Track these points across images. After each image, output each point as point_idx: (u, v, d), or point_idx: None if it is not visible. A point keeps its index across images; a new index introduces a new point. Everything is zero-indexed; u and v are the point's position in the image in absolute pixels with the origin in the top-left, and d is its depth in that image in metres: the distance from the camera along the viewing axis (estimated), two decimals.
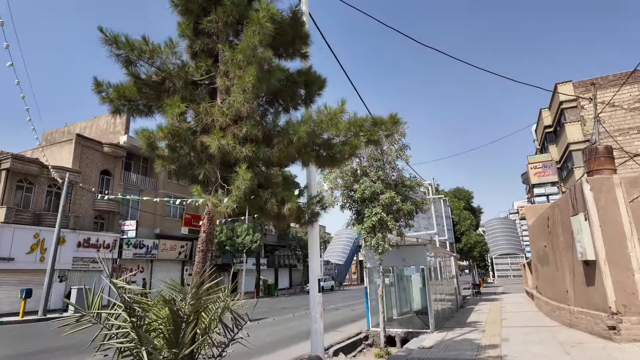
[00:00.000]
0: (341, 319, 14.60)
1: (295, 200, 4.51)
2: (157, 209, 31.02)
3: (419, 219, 17.17)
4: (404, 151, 10.66)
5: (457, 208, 21.58)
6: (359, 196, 10.28)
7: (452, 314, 14.86)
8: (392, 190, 10.05)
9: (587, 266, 8.81)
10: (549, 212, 11.33)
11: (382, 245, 10.00)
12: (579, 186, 8.94)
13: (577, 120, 27.65)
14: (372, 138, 5.15)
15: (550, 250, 11.70)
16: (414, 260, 11.61)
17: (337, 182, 10.92)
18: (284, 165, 4.99)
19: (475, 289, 26.30)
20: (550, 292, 12.47)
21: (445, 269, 15.70)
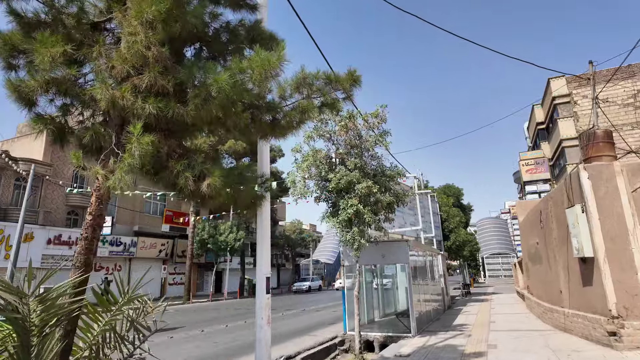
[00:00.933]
0: (319, 321, 13.59)
1: (219, 176, 3.46)
2: (136, 205, 29.75)
3: (404, 215, 16.22)
4: (384, 137, 9.66)
5: (445, 205, 20.67)
6: (333, 186, 9.25)
7: (438, 316, 13.90)
8: (369, 180, 9.04)
9: (584, 264, 7.88)
10: (542, 206, 10.41)
11: (358, 240, 8.98)
12: (575, 175, 8.01)
13: (570, 116, 26.91)
14: (326, 101, 4.11)
15: (542, 247, 10.78)
16: (395, 258, 10.63)
17: (311, 170, 9.88)
18: (208, 129, 3.94)
19: (465, 289, 25.44)
20: (542, 292, 11.55)
21: (432, 268, 14.74)
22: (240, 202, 4.03)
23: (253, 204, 4.30)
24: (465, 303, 19.18)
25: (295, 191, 9.59)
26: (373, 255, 10.81)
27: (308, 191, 9.59)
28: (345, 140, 9.64)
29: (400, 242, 10.68)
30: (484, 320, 12.09)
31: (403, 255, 10.49)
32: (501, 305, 17.31)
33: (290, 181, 9.87)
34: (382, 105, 9.79)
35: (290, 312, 16.44)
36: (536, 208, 11.25)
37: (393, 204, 10.21)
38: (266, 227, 5.10)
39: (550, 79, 28.21)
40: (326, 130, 9.68)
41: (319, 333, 10.98)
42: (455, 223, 19.93)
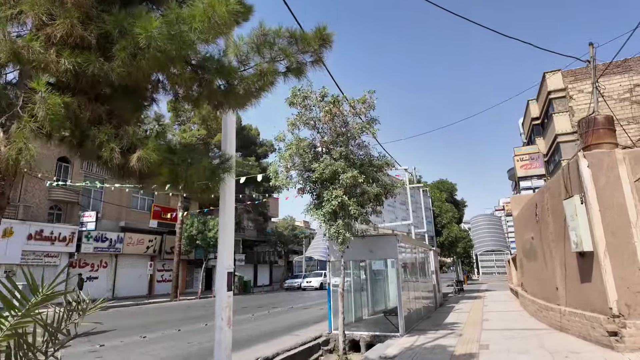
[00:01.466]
0: (305, 319, 13.00)
1: (154, 149, 2.85)
2: (123, 200, 28.98)
3: (396, 209, 15.68)
4: (372, 125, 9.07)
5: (438, 200, 20.16)
6: (317, 176, 8.66)
7: (428, 314, 13.39)
8: (355, 170, 8.45)
9: (583, 259, 7.36)
10: (538, 198, 9.89)
11: (343, 234, 8.41)
12: (574, 163, 7.48)
13: (565, 110, 26.53)
14: (291, 65, 3.51)
15: (538, 242, 10.27)
16: (383, 253, 10.07)
17: (295, 160, 9.29)
18: (150, 96, 3.32)
19: (458, 286, 25.01)
20: (536, 289, 11.06)
21: (423, 264, 14.22)
22: (188, 182, 3.41)
23: (208, 186, 3.69)
24: (458, 300, 18.72)
25: (277, 181, 8.99)
26: (360, 250, 10.25)
27: (290, 182, 9.00)
28: (331, 128, 9.05)
29: (388, 236, 10.13)
30: (476, 319, 11.59)
31: (392, 250, 9.94)
32: (494, 302, 16.85)
33: (272, 171, 9.27)
34: (369, 90, 9.20)
35: (276, 310, 15.85)
36: (531, 201, 10.74)
37: (381, 196, 9.65)
38: (229, 213, 4.50)
39: (546, 73, 27.78)
40: (310, 117, 9.08)
41: (303, 332, 10.41)
42: (448, 218, 19.43)
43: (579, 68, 27.26)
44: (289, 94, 8.91)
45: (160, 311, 17.26)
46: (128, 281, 28.96)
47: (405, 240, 11.13)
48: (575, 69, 27.14)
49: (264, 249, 47.01)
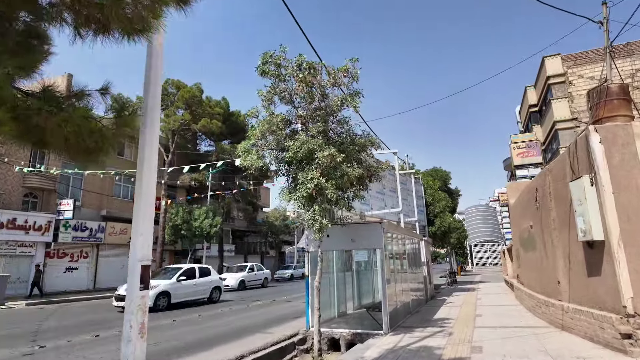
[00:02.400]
0: (285, 314, 12.05)
1: None
2: (105, 188, 27.80)
3: (385, 197, 14.69)
4: (355, 98, 7.99)
5: (431, 187, 19.19)
6: (291, 156, 7.61)
7: (418, 308, 12.50)
8: (332, 147, 7.40)
9: (591, 249, 6.41)
10: (538, 182, 8.91)
11: (319, 220, 7.39)
12: (583, 140, 6.48)
13: (564, 96, 25.53)
14: None
15: (537, 230, 9.32)
16: (367, 242, 9.09)
17: (268, 138, 8.22)
18: None
19: (451, 277, 24.24)
20: (535, 282, 10.16)
21: (413, 254, 13.30)
22: (55, 138, 2.35)
23: (95, 149, 2.63)
24: (450, 293, 17.90)
25: (245, 161, 7.93)
26: (341, 239, 9.27)
27: (261, 161, 7.93)
28: (307, 100, 7.96)
29: (373, 224, 9.13)
30: (468, 314, 10.69)
31: (377, 239, 8.95)
32: (488, 295, 16.02)
33: (242, 150, 8.21)
34: (352, 59, 8.09)
35: (256, 303, 14.87)
36: (531, 186, 9.77)
37: (364, 179, 8.64)
38: (148, 186, 3.46)
39: (545, 58, 26.70)
40: (285, 87, 7.98)
41: (279, 329, 9.46)
42: (441, 207, 18.51)
43: (579, 52, 26.24)
44: (259, 60, 7.80)
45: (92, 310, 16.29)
46: (111, 272, 27.91)
47: (392, 229, 10.15)
48: (575, 53, 26.10)
49: (255, 240, 46.05)
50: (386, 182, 14.98)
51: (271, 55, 7.79)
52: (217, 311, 12.77)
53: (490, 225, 51.50)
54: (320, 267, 7.96)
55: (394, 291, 9.96)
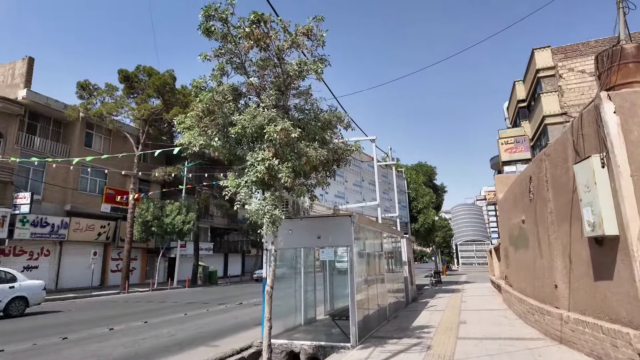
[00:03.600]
0: (246, 320, 10.63)
1: None
2: (69, 181, 25.92)
3: (363, 189, 13.40)
4: (318, 63, 6.61)
5: (415, 182, 17.99)
6: (238, 131, 6.23)
7: (396, 313, 11.24)
8: (287, 121, 6.04)
9: (600, 247, 5.18)
10: (533, 169, 7.69)
11: (270, 211, 6.01)
12: (592, 111, 5.24)
13: (554, 90, 24.64)
14: None
15: (531, 226, 8.11)
16: (335, 239, 7.75)
17: (214, 112, 6.80)
18: None
19: (436, 277, 23.13)
20: (526, 285, 8.97)
21: (392, 253, 12.03)
22: None
23: None
24: (434, 294, 16.73)
25: (183, 139, 6.51)
26: (305, 235, 7.93)
27: (202, 139, 6.52)
28: (259, 65, 6.58)
29: (341, 217, 7.80)
30: (451, 320, 9.46)
31: (345, 235, 7.62)
32: (474, 297, 14.88)
33: (181, 126, 6.79)
34: (316, 17, 6.72)
35: (219, 308, 13.39)
36: (524, 175, 8.56)
37: (330, 163, 7.30)
38: None
39: (535, 50, 25.77)
40: (233, 50, 6.58)
41: (233, 339, 8.07)
42: (425, 203, 17.32)
43: (570, 45, 25.42)
44: (200, 16, 6.37)
45: (88, 307, 14.68)
46: (75, 271, 26.09)
47: (365, 224, 8.83)
48: (566, 46, 25.28)
49: (236, 238, 44.39)
50: (365, 174, 13.70)
51: (215, 8, 6.37)
52: (176, 316, 11.27)
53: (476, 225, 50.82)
54: (273, 268, 6.59)
55: (366, 296, 8.66)
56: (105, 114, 24.04)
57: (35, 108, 24.82)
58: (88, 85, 25.24)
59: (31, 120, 25.11)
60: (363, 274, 8.86)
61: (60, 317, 11.29)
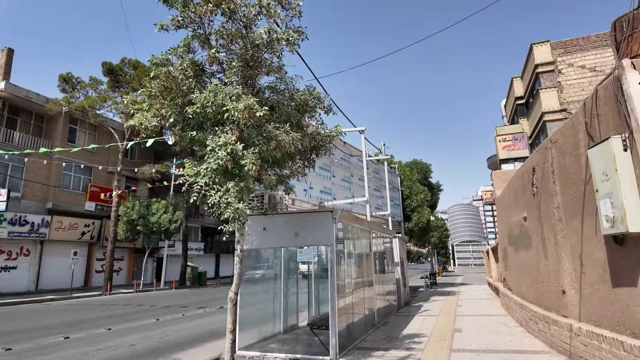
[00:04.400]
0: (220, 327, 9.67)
1: None
2: (51, 178, 24.91)
3: (352, 186, 12.55)
4: (294, 35, 5.74)
5: (408, 179, 17.15)
6: (197, 110, 5.35)
7: (386, 318, 10.38)
8: (251, 97, 5.16)
9: (621, 247, 4.34)
10: (536, 160, 6.85)
11: (234, 206, 5.13)
12: (609, 87, 4.41)
13: (553, 86, 23.89)
14: None
15: (534, 223, 7.27)
16: (313, 237, 6.87)
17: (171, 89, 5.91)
18: None
19: (431, 279, 22.30)
20: (528, 289, 8.13)
21: (382, 254, 11.17)
22: None
23: None
24: (428, 297, 15.89)
25: (133, 119, 5.63)
26: (281, 233, 7.05)
27: (156, 120, 5.64)
28: (222, 33, 5.69)
29: (321, 213, 6.92)
30: (445, 328, 8.61)
31: (326, 233, 6.75)
32: (470, 301, 14.05)
33: (132, 105, 5.90)
34: None
35: (197, 312, 12.43)
36: (526, 167, 7.72)
37: (309, 152, 6.44)
38: None
39: (534, 45, 25.03)
40: (191, 16, 5.69)
41: (198, 351, 7.16)
42: (419, 201, 16.47)
43: (569, 39, 24.66)
44: None
45: (58, 311, 13.73)
46: (57, 271, 25.07)
47: (350, 220, 7.95)
48: (565, 41, 24.51)
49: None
50: (355, 170, 12.85)
51: None
52: (147, 322, 10.32)
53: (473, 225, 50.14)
54: (238, 271, 5.71)
55: (351, 301, 7.78)
56: (88, 108, 23.05)
57: (15, 101, 23.82)
58: (71, 78, 24.24)
59: (11, 114, 24.09)
60: (348, 276, 8.00)
61: (17, 323, 10.35)
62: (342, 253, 7.78)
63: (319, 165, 10.83)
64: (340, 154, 12.03)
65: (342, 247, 7.73)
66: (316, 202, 10.32)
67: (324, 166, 11.05)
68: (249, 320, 7.81)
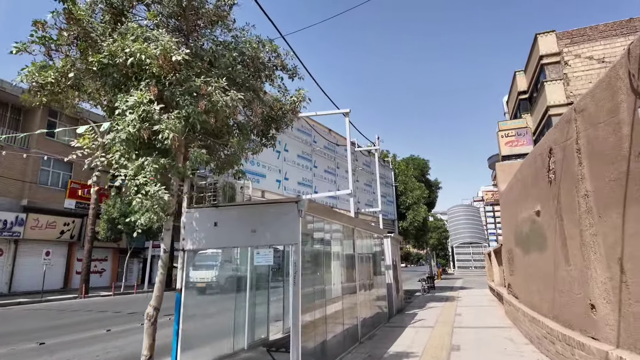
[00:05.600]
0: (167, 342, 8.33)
1: None
2: (27, 173, 23.53)
3: (339, 180, 11.17)
4: None
5: (403, 173, 15.76)
6: (102, 60, 3.96)
7: (373, 330, 8.98)
8: (172, 38, 3.77)
9: None
10: (555, 137, 5.44)
11: (151, 191, 3.75)
12: None
13: (559, 78, 22.51)
14: None
15: (550, 218, 5.86)
16: (274, 235, 5.48)
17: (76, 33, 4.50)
18: None
19: (429, 283, 20.86)
20: (541, 299, 6.71)
21: (369, 256, 9.76)
22: None
23: None
24: (425, 303, 14.48)
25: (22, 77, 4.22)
26: (236, 229, 5.66)
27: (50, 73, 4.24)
28: None
29: (283, 204, 5.51)
30: (441, 344, 7.20)
31: (289, 229, 5.36)
32: (470, 308, 12.64)
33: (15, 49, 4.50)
34: None
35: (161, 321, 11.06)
36: (539, 150, 6.31)
37: (267, 124, 5.06)
38: None
39: (538, 35, 23.65)
40: None
41: None
42: (415, 198, 15.06)
43: (576, 29, 23.31)
44: None
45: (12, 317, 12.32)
46: (33, 272, 23.60)
47: (324, 215, 6.53)
48: (572, 30, 23.15)
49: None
50: (341, 160, 11.45)
51: None
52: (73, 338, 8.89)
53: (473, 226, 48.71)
54: (160, 278, 4.32)
55: (323, 314, 6.38)
56: None
57: None
58: None
59: None
60: (323, 283, 6.61)
61: None
62: (312, 254, 6.39)
63: (297, 153, 9.44)
64: (324, 141, 10.63)
65: (311, 246, 6.34)
66: (293, 194, 8.93)
67: (304, 154, 9.65)
68: (203, 335, 6.44)
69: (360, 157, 12.92)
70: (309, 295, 6.12)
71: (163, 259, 4.38)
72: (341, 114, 9.11)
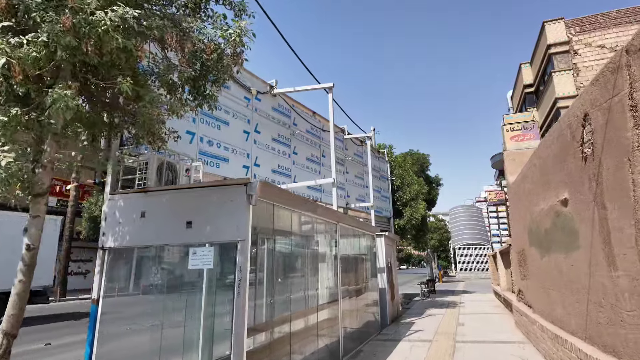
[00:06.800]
0: None
1: None
2: None
3: (325, 170, 9.84)
4: None
5: (400, 166, 14.37)
6: None
7: (360, 345, 7.59)
8: None
9: None
10: (592, 98, 4.03)
11: None
12: None
13: (568, 68, 21.10)
14: None
15: (584, 208, 4.45)
16: (215, 228, 4.11)
17: None
18: None
19: (429, 286, 19.43)
20: (566, 313, 5.30)
21: (356, 258, 8.36)
22: None
23: None
24: (424, 309, 13.08)
25: None
26: (165, 221, 4.30)
27: None
28: None
29: (227, 187, 4.14)
30: None
31: (235, 219, 4.00)
32: (475, 316, 11.23)
33: None
34: None
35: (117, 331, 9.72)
36: (567, 120, 4.89)
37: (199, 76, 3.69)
38: None
39: (546, 23, 22.23)
40: None
41: None
42: (413, 193, 13.64)
43: (586, 16, 21.88)
44: None
45: None
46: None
47: (289, 204, 5.14)
48: (582, 17, 21.74)
49: None
50: (328, 149, 10.05)
51: None
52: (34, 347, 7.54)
53: (476, 227, 47.21)
54: (15, 290, 2.95)
55: (285, 334, 4.99)
56: None
57: None
58: None
59: None
60: (288, 291, 5.24)
61: None
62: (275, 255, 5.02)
63: (272, 135, 8.06)
64: (307, 125, 9.26)
65: (273, 244, 4.97)
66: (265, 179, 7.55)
67: (281, 138, 8.27)
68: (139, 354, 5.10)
69: (352, 146, 11.54)
70: (267, 307, 4.75)
71: (26, 259, 3.02)
72: (323, 89, 7.73)
